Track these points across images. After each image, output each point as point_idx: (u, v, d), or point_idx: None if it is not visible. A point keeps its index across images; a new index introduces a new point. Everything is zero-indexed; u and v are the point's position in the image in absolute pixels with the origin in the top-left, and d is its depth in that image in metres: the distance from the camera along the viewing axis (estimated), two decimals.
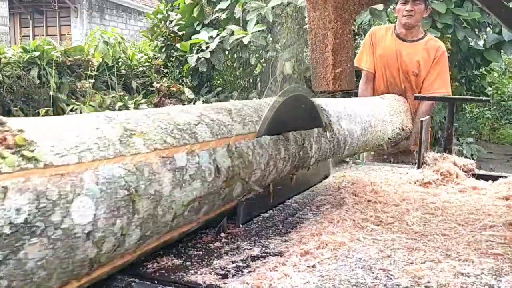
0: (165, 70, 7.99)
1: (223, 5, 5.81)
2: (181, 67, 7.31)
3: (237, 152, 1.12)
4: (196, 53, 5.93)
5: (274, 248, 1.08)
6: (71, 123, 0.81)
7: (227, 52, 5.86)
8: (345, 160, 2.21)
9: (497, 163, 6.80)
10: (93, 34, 8.06)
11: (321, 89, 1.51)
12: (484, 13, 4.83)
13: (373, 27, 3.30)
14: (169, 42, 7.36)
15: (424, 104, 2.78)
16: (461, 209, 1.42)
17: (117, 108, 6.89)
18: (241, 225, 1.23)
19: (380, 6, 4.62)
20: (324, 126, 1.55)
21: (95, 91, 7.45)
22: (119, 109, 6.70)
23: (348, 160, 2.24)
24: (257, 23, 5.26)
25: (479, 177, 1.86)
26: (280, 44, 5.51)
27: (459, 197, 1.57)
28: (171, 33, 7.19)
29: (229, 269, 0.96)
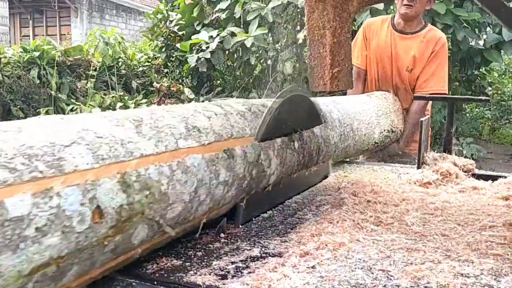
0: (165, 70, 8.00)
1: (223, 5, 5.81)
2: (181, 67, 7.32)
3: (140, 182, 0.83)
4: (196, 53, 5.93)
5: (274, 249, 1.08)
6: None
7: (227, 52, 5.86)
8: (345, 160, 2.19)
9: (497, 163, 6.80)
10: (93, 34, 8.06)
11: (319, 89, 1.49)
12: (484, 13, 4.84)
13: (368, 19, 2.99)
14: (169, 42, 7.36)
15: (416, 104, 2.56)
16: (461, 209, 1.42)
17: (118, 108, 6.89)
18: (241, 226, 1.23)
19: (381, 6, 4.62)
20: (324, 123, 1.52)
21: (95, 91, 7.46)
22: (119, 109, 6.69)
23: (349, 160, 2.23)
24: (259, 26, 5.26)
25: (479, 177, 1.85)
26: (280, 44, 5.52)
27: (459, 197, 1.57)
28: (171, 33, 7.20)
29: (229, 270, 0.96)
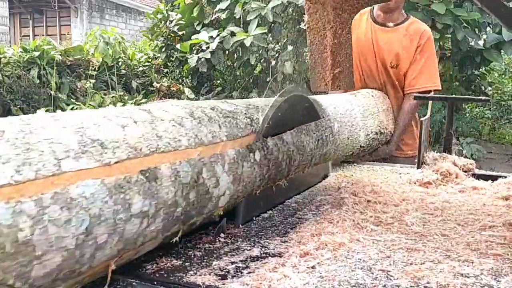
0: (165, 70, 8.00)
1: (223, 5, 5.81)
2: (181, 67, 7.32)
3: None
4: (196, 53, 5.94)
5: (274, 249, 1.08)
6: None
7: (227, 52, 5.87)
8: (345, 160, 2.19)
9: (497, 163, 6.81)
10: (93, 34, 8.07)
11: (320, 90, 1.49)
12: (484, 13, 4.84)
13: None
14: (169, 42, 7.36)
15: (408, 103, 2.40)
16: (461, 209, 1.42)
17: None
18: (241, 226, 1.23)
19: None
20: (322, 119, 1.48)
21: (95, 91, 7.46)
22: None
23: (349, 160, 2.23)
24: (259, 25, 5.26)
25: (479, 177, 1.85)
26: (280, 44, 5.52)
27: (459, 197, 1.57)
28: (171, 33, 7.20)
29: (229, 270, 0.96)
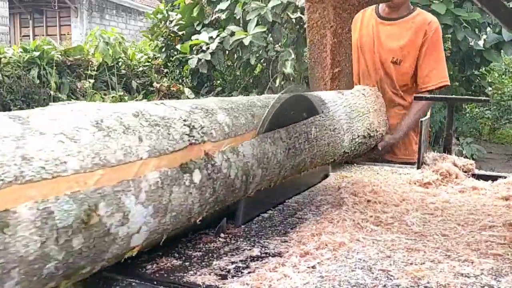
0: (165, 70, 8.00)
1: (223, 6, 5.81)
2: (181, 67, 7.32)
3: None
4: (196, 54, 5.93)
5: (274, 249, 1.08)
6: None
7: (227, 52, 5.87)
8: (345, 161, 2.18)
9: (497, 163, 6.81)
10: (93, 34, 8.07)
11: (319, 89, 1.49)
12: (484, 13, 4.84)
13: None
14: (169, 42, 7.37)
15: (418, 103, 2.26)
16: (461, 209, 1.42)
17: None
18: (241, 226, 1.23)
19: None
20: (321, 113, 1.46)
21: (95, 91, 7.46)
22: None
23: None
24: (258, 24, 5.26)
25: (479, 177, 1.85)
26: (280, 44, 5.52)
27: (459, 197, 1.57)
28: (171, 33, 7.20)
29: (229, 270, 0.96)
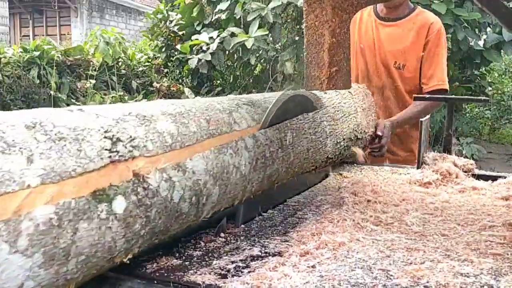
0: (165, 70, 8.00)
1: (223, 6, 5.81)
2: (181, 67, 7.32)
3: None
4: (196, 54, 5.93)
5: (274, 248, 1.08)
6: None
7: (227, 53, 5.87)
8: (345, 161, 2.18)
9: (497, 163, 6.81)
10: (93, 34, 8.06)
11: (314, 89, 1.46)
12: (484, 13, 4.84)
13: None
14: (169, 42, 7.37)
15: (421, 103, 2.16)
16: (461, 209, 1.42)
17: None
18: (241, 225, 1.23)
19: None
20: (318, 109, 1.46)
21: (95, 91, 7.46)
22: None
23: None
24: (260, 27, 5.25)
25: (479, 177, 1.85)
26: (280, 44, 5.52)
27: (459, 197, 1.57)
28: (171, 33, 7.20)
29: (229, 269, 0.96)
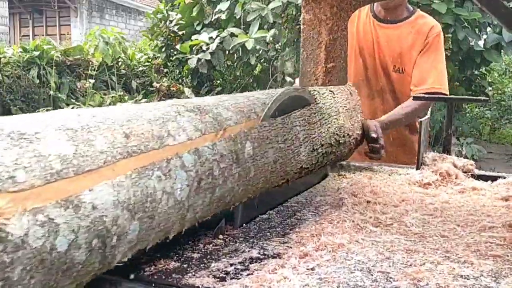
0: (165, 70, 7.99)
1: (223, 6, 5.80)
2: (181, 67, 7.31)
3: None
4: (196, 54, 5.93)
5: (273, 250, 1.08)
6: None
7: (227, 53, 5.86)
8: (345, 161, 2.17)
9: (497, 163, 6.80)
10: (93, 34, 8.06)
11: (309, 85, 1.43)
12: (485, 13, 4.83)
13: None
14: (169, 42, 7.36)
15: (411, 104, 2.05)
16: (460, 210, 1.41)
17: None
18: (239, 227, 1.23)
19: None
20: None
21: (95, 91, 7.46)
22: None
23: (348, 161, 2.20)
24: (260, 28, 5.24)
25: (479, 178, 1.85)
26: (280, 44, 5.51)
27: (459, 198, 1.56)
28: (171, 33, 7.19)
29: (228, 272, 0.95)
